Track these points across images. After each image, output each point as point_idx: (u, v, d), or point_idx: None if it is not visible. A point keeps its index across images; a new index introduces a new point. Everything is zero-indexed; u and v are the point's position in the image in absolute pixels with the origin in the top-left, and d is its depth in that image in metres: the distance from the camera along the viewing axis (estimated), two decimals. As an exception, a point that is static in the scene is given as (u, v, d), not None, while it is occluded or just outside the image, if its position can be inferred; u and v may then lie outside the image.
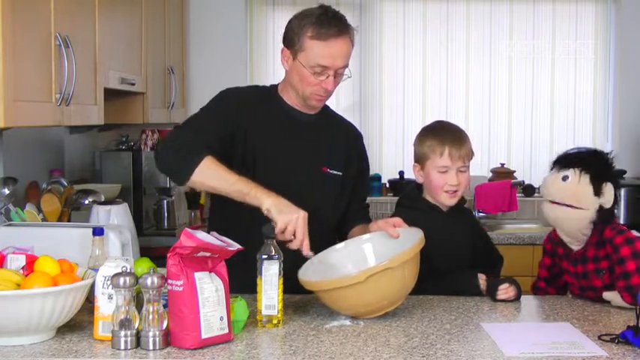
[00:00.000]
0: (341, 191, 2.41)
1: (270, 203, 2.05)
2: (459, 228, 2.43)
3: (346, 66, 2.26)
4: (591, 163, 2.24)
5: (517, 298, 2.24)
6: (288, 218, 2.02)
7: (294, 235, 2.03)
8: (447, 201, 2.38)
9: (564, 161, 2.28)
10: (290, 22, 2.30)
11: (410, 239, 2.08)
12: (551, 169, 2.31)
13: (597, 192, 2.21)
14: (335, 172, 2.39)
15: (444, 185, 2.36)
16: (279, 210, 2.04)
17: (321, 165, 2.37)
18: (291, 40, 2.27)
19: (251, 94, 2.40)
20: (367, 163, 2.56)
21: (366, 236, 2.24)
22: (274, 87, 2.42)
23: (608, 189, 2.22)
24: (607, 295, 2.20)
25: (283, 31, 2.32)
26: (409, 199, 2.49)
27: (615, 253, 2.20)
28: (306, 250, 2.05)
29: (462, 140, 2.38)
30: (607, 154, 2.30)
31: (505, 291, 2.23)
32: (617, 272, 2.19)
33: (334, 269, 2.15)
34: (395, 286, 2.00)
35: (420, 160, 2.42)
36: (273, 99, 2.38)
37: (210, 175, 2.14)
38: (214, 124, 2.26)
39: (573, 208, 2.22)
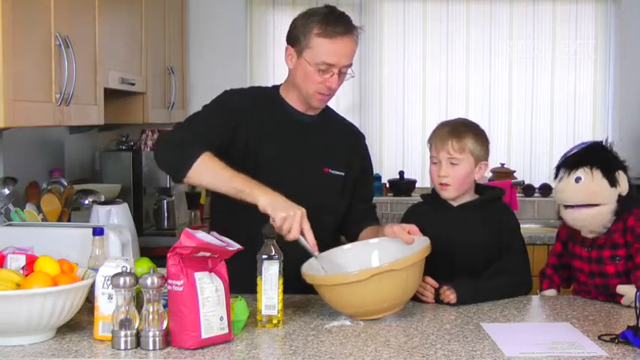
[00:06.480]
0: (342, 191, 2.42)
1: (266, 200, 2.05)
2: (460, 224, 2.38)
3: (350, 65, 2.28)
4: (599, 157, 2.24)
5: (458, 302, 2.19)
6: (285, 215, 2.01)
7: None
8: (441, 193, 2.39)
9: (571, 163, 2.26)
10: (295, 20, 2.31)
11: (418, 246, 2.09)
12: (557, 174, 2.29)
13: (612, 183, 2.21)
14: (337, 173, 2.39)
15: (436, 177, 2.38)
16: (276, 207, 2.03)
17: (323, 166, 2.38)
18: (296, 38, 2.27)
19: (253, 95, 2.41)
20: (370, 164, 2.57)
21: (373, 240, 2.24)
22: (276, 88, 2.43)
23: (622, 177, 2.22)
24: (621, 288, 2.17)
25: (287, 29, 2.33)
26: (425, 195, 2.54)
27: (637, 241, 2.19)
28: (313, 249, 2.05)
29: (453, 134, 2.35)
30: (603, 142, 2.30)
31: (443, 295, 2.20)
32: (636, 262, 2.18)
33: (339, 268, 2.14)
34: (397, 289, 2.01)
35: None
36: (274, 100, 2.38)
37: (207, 172, 2.13)
38: (215, 124, 2.27)
39: (593, 206, 2.22)
